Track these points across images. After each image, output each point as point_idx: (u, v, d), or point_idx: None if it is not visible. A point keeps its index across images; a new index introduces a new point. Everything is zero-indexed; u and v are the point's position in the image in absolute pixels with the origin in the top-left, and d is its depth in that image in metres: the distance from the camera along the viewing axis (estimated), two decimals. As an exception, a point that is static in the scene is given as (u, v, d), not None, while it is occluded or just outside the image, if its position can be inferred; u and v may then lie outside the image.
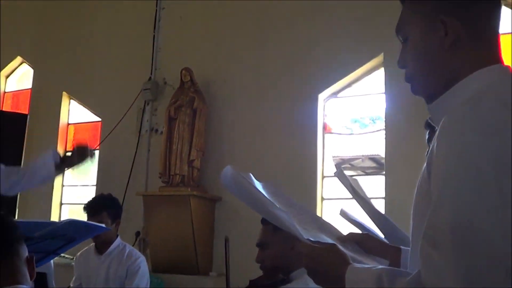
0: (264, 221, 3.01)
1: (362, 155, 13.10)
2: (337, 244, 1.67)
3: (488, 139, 1.29)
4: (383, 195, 5.96)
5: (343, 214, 2.58)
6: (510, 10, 5.87)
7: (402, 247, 1.82)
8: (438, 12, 1.52)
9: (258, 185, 1.86)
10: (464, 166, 1.28)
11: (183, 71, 6.83)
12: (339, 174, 2.59)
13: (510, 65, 4.86)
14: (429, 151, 1.41)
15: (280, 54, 6.68)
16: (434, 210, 1.30)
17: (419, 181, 1.48)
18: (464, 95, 1.44)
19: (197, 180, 6.65)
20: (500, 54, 1.54)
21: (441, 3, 1.53)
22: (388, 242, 2.07)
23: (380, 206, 5.83)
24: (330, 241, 1.73)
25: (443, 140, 1.34)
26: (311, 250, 1.65)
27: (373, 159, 12.17)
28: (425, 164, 1.43)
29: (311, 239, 1.68)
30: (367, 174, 13.17)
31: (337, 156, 13.33)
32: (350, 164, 13.63)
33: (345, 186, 2.55)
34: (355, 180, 2.70)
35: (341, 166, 13.62)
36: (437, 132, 1.37)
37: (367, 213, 2.60)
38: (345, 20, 6.39)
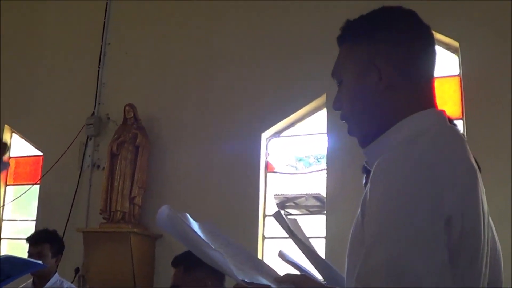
0: (174, 264, 3.03)
1: (306, 194, 13.18)
2: (271, 286, 1.68)
3: (421, 182, 1.31)
4: (324, 234, 6.01)
5: (281, 255, 2.59)
6: (456, 56, 6.05)
7: None
8: (372, 57, 1.55)
9: (195, 225, 1.85)
10: (398, 209, 1.29)
11: (127, 107, 6.82)
12: (277, 216, 2.61)
13: (458, 106, 4.99)
14: (364, 193, 1.42)
15: (224, 93, 6.73)
16: (367, 252, 1.30)
17: (354, 223, 1.48)
18: (398, 138, 1.47)
19: (138, 217, 6.59)
20: (435, 97, 1.59)
21: (375, 48, 1.56)
22: (326, 284, 2.09)
23: (321, 245, 5.88)
24: (265, 282, 1.71)
25: (378, 182, 1.35)
26: None
27: (316, 197, 12.25)
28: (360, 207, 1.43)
29: (246, 280, 1.66)
30: (310, 213, 13.24)
31: (281, 195, 13.37)
32: (294, 202, 13.69)
33: (282, 227, 2.57)
34: (294, 220, 2.71)
35: (285, 204, 13.67)
36: (371, 174, 1.38)
37: (304, 255, 2.62)
38: (288, 60, 6.48)
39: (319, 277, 2.59)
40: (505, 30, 5.76)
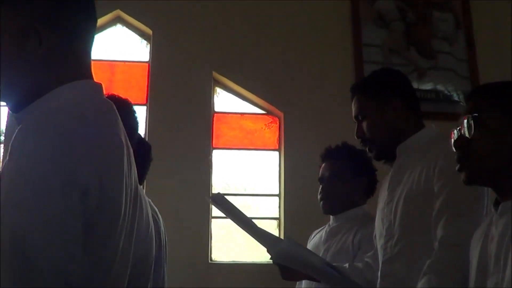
0: None
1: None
2: None
3: (57, 152, 1.27)
4: None
5: None
6: (148, 43, 6.06)
7: None
8: (33, 19, 1.46)
9: None
10: (30, 178, 1.25)
11: None
12: None
13: (143, 92, 4.94)
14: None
15: None
16: None
17: None
18: (48, 106, 1.42)
19: None
20: (91, 69, 1.56)
21: (38, 11, 1.47)
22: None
23: None
24: None
25: (15, 150, 1.30)
26: None
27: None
28: None
29: None
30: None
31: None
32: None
33: None
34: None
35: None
36: (11, 140, 1.32)
37: None
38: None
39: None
40: (194, 24, 5.94)
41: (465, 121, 1.80)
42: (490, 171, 1.77)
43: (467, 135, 1.79)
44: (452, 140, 1.84)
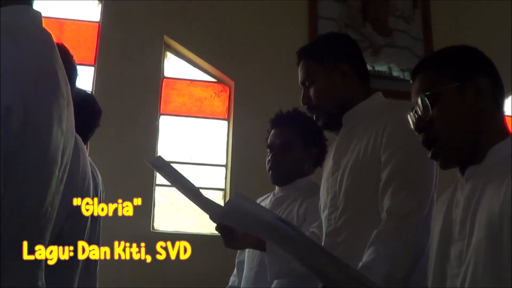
0: None
1: None
2: None
3: None
4: None
5: None
6: (100, 3, 5.90)
7: None
8: None
9: None
10: None
11: None
12: None
13: (92, 52, 4.76)
14: None
15: None
16: None
17: None
18: None
19: None
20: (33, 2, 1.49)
21: None
22: None
23: None
24: None
25: None
26: None
27: None
28: None
29: None
30: None
31: None
32: None
33: None
34: None
35: None
36: None
37: None
38: None
39: None
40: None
41: (419, 101, 1.67)
42: (464, 150, 1.65)
43: (425, 116, 1.66)
44: (412, 125, 1.73)
